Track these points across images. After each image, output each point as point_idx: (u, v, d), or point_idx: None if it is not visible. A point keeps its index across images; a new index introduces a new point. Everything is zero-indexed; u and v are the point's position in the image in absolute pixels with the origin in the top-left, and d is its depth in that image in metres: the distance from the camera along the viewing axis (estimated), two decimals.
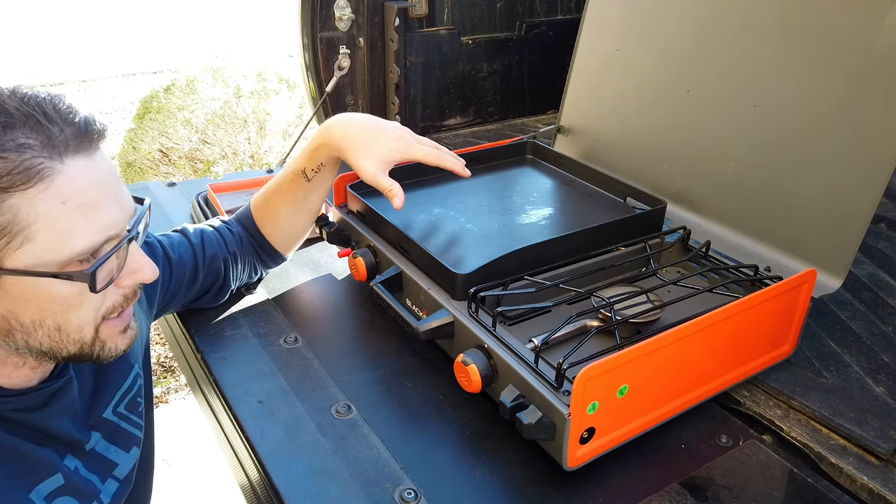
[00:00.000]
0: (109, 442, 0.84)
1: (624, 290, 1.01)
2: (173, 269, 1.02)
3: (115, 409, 0.86)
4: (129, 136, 4.33)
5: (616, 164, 1.42)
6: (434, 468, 0.87)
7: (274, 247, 1.16)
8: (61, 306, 0.67)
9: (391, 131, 1.08)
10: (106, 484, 0.83)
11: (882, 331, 1.12)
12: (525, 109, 2.30)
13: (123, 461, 0.86)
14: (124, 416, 0.87)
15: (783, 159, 1.16)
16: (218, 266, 1.09)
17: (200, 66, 4.69)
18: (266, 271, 1.23)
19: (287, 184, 1.11)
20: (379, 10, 1.93)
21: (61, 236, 0.64)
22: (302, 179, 1.10)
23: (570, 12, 2.26)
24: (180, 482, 2.27)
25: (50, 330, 0.68)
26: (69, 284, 0.66)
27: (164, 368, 2.98)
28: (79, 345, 0.71)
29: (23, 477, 0.72)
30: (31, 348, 0.69)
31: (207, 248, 1.08)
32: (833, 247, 1.08)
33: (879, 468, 0.87)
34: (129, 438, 0.88)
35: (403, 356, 1.08)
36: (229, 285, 1.13)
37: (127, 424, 0.87)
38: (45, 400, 0.74)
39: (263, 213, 1.14)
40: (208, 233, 1.10)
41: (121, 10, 8.78)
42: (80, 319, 0.70)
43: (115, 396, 0.86)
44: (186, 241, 1.07)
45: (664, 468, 0.88)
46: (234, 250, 1.11)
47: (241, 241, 1.13)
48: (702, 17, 1.29)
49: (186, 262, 1.05)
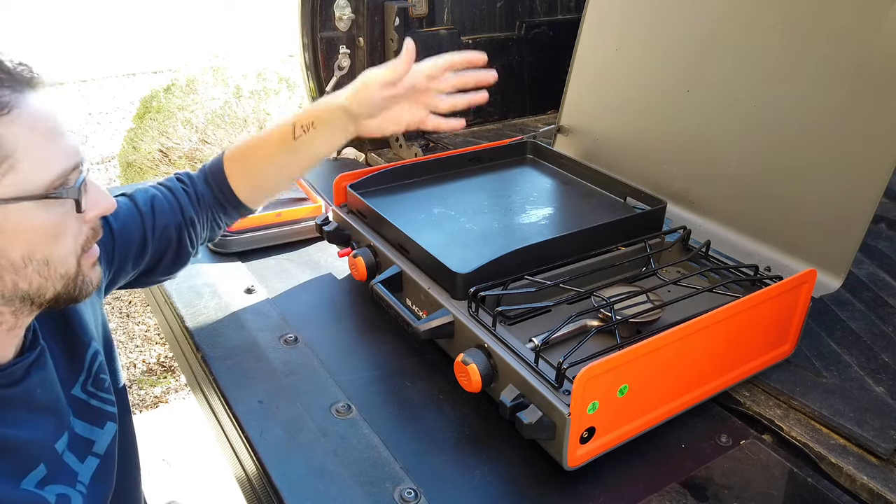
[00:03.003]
0: (83, 420, 0.84)
1: (624, 289, 1.01)
2: (116, 239, 0.95)
3: (83, 387, 0.86)
4: (129, 136, 4.33)
5: (616, 163, 1.42)
6: (434, 468, 0.87)
7: (243, 202, 1.08)
8: (46, 236, 0.69)
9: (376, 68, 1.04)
10: (85, 463, 0.83)
11: (882, 331, 1.12)
12: (525, 109, 2.29)
13: (100, 437, 0.86)
14: (93, 393, 0.87)
15: (783, 159, 1.16)
16: (170, 236, 1.01)
17: (200, 66, 4.69)
18: (231, 222, 1.15)
19: (273, 143, 1.05)
20: (379, 10, 1.93)
21: (39, 161, 0.67)
22: (289, 137, 1.04)
23: (570, 12, 2.25)
24: (180, 482, 2.27)
25: (39, 265, 0.70)
26: (52, 212, 0.69)
27: (164, 368, 2.98)
28: (64, 280, 0.73)
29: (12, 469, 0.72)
30: (19, 290, 0.70)
31: (158, 218, 1.00)
32: (833, 247, 1.08)
33: (879, 468, 0.87)
34: (102, 414, 0.87)
35: (403, 356, 1.08)
36: (187, 252, 1.06)
37: (97, 401, 0.87)
38: (25, 371, 0.75)
39: (238, 170, 1.06)
40: (160, 199, 1.01)
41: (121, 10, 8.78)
42: (65, 250, 0.72)
43: (81, 374, 0.86)
44: (135, 209, 0.99)
45: (664, 468, 0.88)
46: (190, 216, 1.03)
47: (199, 201, 1.05)
48: (702, 17, 1.29)
49: (133, 231, 0.97)
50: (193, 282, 1.27)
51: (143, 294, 1.87)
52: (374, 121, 1.05)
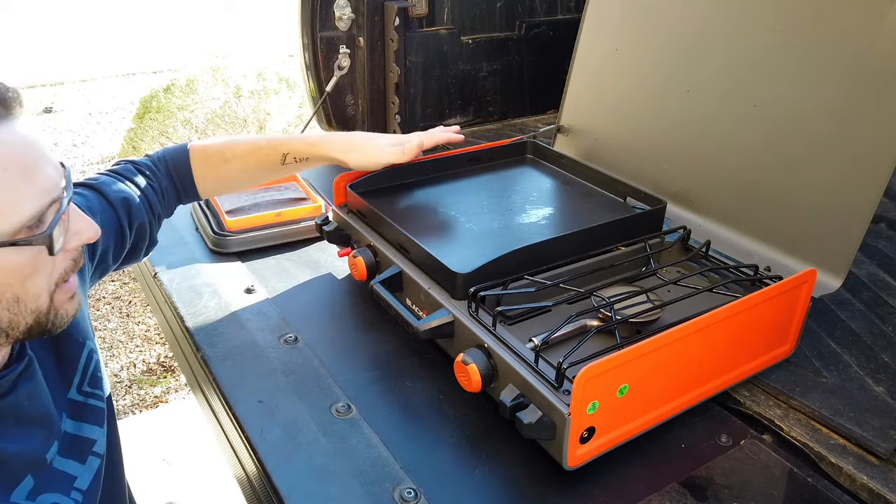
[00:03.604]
0: (81, 421, 0.84)
1: (624, 289, 1.01)
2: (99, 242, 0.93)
3: (79, 389, 0.85)
4: (129, 135, 4.33)
5: (616, 164, 1.42)
6: (434, 468, 0.87)
7: (200, 194, 1.11)
8: (17, 277, 0.66)
9: (387, 136, 1.18)
10: (87, 463, 0.83)
11: (882, 331, 1.12)
12: (525, 109, 2.29)
13: (99, 436, 0.86)
14: (90, 393, 0.86)
15: (783, 159, 1.16)
16: (143, 233, 1.03)
17: (200, 66, 4.69)
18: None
19: (258, 155, 1.09)
20: (379, 10, 1.93)
21: (9, 203, 0.63)
22: (277, 160, 1.10)
23: (570, 12, 2.25)
24: (180, 482, 2.27)
25: (9, 303, 0.67)
26: (24, 252, 0.65)
27: (164, 368, 2.99)
28: (35, 314, 0.70)
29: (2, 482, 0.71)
30: None
31: (135, 216, 0.99)
32: (833, 247, 1.08)
33: (879, 468, 0.87)
34: (98, 413, 0.87)
35: (403, 356, 1.08)
36: (154, 242, 1.08)
37: (93, 400, 0.87)
38: (11, 384, 0.74)
39: (206, 170, 1.08)
40: (133, 198, 1.00)
41: (121, 10, 8.78)
42: (37, 288, 0.69)
43: (76, 377, 0.85)
44: (109, 208, 0.97)
45: (664, 468, 0.88)
46: (158, 212, 1.05)
47: (164, 196, 1.07)
48: (702, 17, 1.29)
49: (110, 230, 0.96)
50: (193, 282, 1.27)
51: (143, 294, 1.87)
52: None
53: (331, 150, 1.15)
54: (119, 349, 3.10)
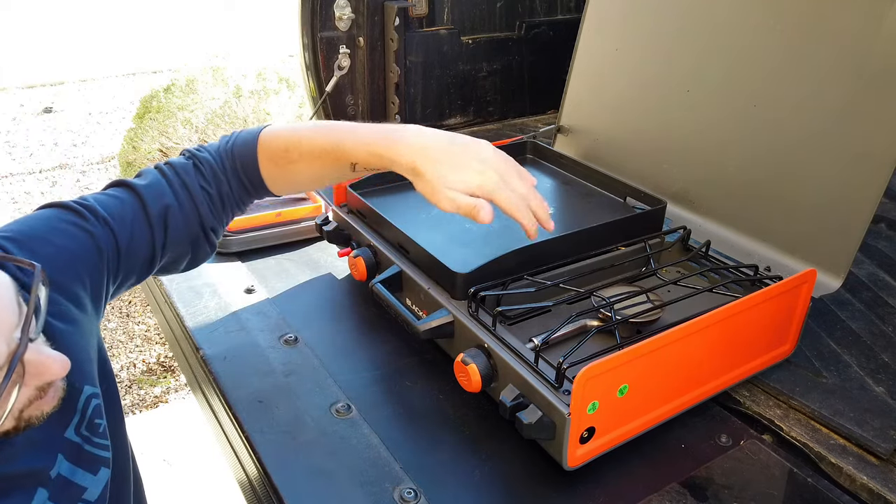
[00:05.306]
0: (75, 465, 0.79)
1: (624, 289, 1.01)
2: (121, 256, 0.85)
3: (77, 430, 0.80)
4: (129, 135, 4.33)
5: (616, 164, 1.42)
6: (434, 468, 0.87)
7: (271, 190, 0.98)
8: None
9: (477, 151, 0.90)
10: None
11: (882, 331, 1.12)
12: (525, 109, 2.29)
13: (92, 484, 0.81)
14: (87, 437, 0.81)
15: (783, 159, 1.16)
16: (182, 251, 0.92)
17: (200, 66, 4.69)
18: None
19: (327, 159, 0.92)
20: (379, 10, 1.93)
21: None
22: (346, 165, 0.92)
23: (570, 12, 2.25)
24: (180, 482, 2.27)
25: None
26: None
27: (164, 368, 2.98)
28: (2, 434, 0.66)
29: None
30: None
31: (171, 235, 0.89)
32: (833, 247, 1.08)
33: (879, 468, 0.87)
34: (95, 460, 0.82)
35: (403, 356, 1.08)
36: (205, 254, 0.97)
37: (90, 446, 0.82)
38: None
39: (274, 167, 0.95)
40: (175, 214, 0.89)
41: (121, 10, 8.78)
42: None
43: (73, 417, 0.80)
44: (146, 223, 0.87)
45: (664, 468, 0.88)
46: (211, 225, 0.93)
47: (224, 202, 0.95)
48: (702, 17, 1.29)
49: (140, 249, 0.87)
50: (193, 282, 1.27)
51: (143, 294, 1.87)
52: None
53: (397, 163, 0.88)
54: (119, 349, 3.10)
